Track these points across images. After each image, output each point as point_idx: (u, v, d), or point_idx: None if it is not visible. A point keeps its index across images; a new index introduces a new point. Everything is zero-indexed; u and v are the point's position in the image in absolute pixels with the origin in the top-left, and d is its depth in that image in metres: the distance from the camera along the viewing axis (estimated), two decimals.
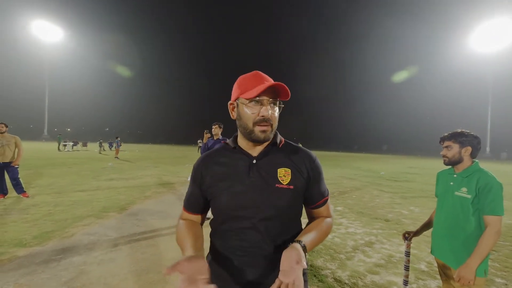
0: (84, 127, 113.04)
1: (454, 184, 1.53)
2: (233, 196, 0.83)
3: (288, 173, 0.85)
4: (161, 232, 3.67)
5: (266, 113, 0.80)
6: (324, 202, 0.92)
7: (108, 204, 5.06)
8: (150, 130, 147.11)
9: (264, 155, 0.87)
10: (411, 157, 43.13)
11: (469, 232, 1.43)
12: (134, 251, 3.01)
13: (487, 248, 1.33)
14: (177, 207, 5.14)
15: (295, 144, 0.96)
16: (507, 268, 2.80)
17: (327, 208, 0.94)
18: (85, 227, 3.73)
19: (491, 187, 1.39)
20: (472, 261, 1.34)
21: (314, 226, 0.88)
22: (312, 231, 0.85)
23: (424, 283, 2.45)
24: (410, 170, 16.13)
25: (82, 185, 6.99)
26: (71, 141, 29.06)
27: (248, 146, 0.88)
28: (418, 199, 6.70)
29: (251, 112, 0.81)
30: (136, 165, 13.54)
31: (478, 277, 1.36)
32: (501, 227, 1.35)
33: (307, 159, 0.90)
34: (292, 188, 0.83)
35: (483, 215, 1.39)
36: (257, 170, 0.84)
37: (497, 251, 3.28)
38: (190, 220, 0.94)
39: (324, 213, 0.93)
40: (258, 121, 0.81)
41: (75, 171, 9.83)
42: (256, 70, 0.87)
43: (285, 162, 0.87)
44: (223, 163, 0.89)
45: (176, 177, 9.30)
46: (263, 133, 0.82)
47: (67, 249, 2.97)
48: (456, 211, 1.49)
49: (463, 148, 1.50)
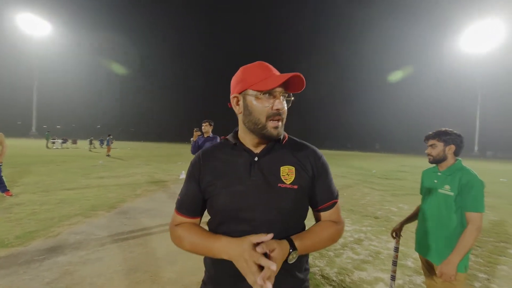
0: (75, 124, 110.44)
1: (438, 182, 1.56)
2: (232, 196, 0.77)
3: (291, 171, 0.79)
4: (151, 231, 3.62)
5: (281, 106, 0.75)
6: (332, 205, 0.84)
7: (97, 202, 4.96)
8: (142, 128, 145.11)
9: (266, 152, 0.81)
10: (403, 156, 43.93)
11: (451, 229, 1.46)
12: (122, 250, 2.96)
13: (468, 244, 1.36)
14: (168, 205, 5.09)
15: (299, 140, 0.90)
16: (490, 264, 2.88)
17: (336, 212, 0.85)
18: (72, 226, 3.65)
19: (473, 184, 1.41)
20: (454, 257, 1.37)
21: (316, 227, 0.82)
22: (312, 232, 0.79)
23: (410, 279, 2.49)
24: (401, 168, 16.42)
25: (71, 183, 6.84)
26: (60, 138, 28.37)
27: (250, 142, 0.82)
28: (408, 196, 6.82)
29: (264, 106, 0.75)
30: (127, 163, 13.34)
31: (459, 272, 1.39)
32: (482, 223, 1.37)
33: (312, 156, 0.84)
34: (296, 188, 0.77)
35: (465, 212, 1.42)
36: (259, 169, 0.78)
37: (481, 246, 3.37)
38: (188, 223, 0.84)
39: (333, 217, 0.84)
40: (272, 115, 0.75)
41: (64, 169, 9.61)
42: (259, 61, 0.81)
43: (289, 159, 0.81)
44: (223, 160, 0.83)
45: (168, 175, 9.21)
46: (276, 129, 0.76)
47: (51, 249, 2.89)
48: (440, 209, 1.52)
49: (447, 146, 1.53)
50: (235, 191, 0.77)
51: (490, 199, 6.66)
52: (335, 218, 0.85)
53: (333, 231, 0.82)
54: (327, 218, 0.84)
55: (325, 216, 0.84)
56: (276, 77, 0.74)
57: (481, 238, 3.71)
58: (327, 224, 0.83)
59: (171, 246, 3.22)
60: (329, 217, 0.84)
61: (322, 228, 0.82)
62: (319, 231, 0.80)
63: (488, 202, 6.29)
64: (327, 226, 0.82)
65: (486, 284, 2.43)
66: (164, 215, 4.38)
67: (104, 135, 25.26)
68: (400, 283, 2.42)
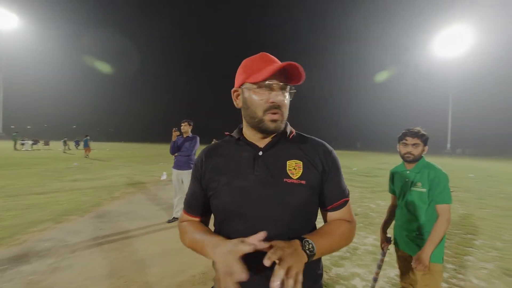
0: (47, 124, 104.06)
1: (409, 180, 1.63)
2: (234, 192, 0.72)
3: (299, 165, 0.73)
4: (128, 234, 3.48)
5: (277, 98, 0.71)
6: (343, 203, 0.78)
7: (69, 207, 4.69)
8: (123, 128, 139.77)
9: (271, 146, 0.77)
10: (382, 154, 45.73)
11: (425, 221, 1.55)
12: (95, 256, 2.81)
13: (439, 235, 1.44)
14: (148, 207, 4.93)
15: (308, 135, 0.85)
16: (458, 255, 3.05)
17: (348, 211, 0.80)
18: (40, 232, 3.42)
19: (440, 179, 1.51)
20: (427, 247, 1.45)
21: (329, 226, 0.76)
22: (326, 231, 0.73)
23: (384, 272, 2.58)
24: (381, 166, 17.05)
25: (41, 187, 6.41)
26: (30, 140, 26.56)
27: (255, 137, 0.78)
28: (386, 193, 7.08)
29: (260, 99, 0.72)
30: (105, 164, 12.77)
31: (436, 263, 1.48)
32: (451, 214, 1.47)
33: (321, 150, 0.79)
34: (304, 184, 0.72)
35: (435, 205, 1.50)
36: (263, 163, 0.74)
37: (450, 239, 3.57)
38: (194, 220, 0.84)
39: (345, 217, 0.79)
40: (268, 108, 0.71)
41: (34, 172, 9.01)
42: (263, 52, 0.77)
43: (296, 153, 0.76)
44: (225, 155, 0.80)
45: (148, 177, 8.92)
46: (274, 122, 0.72)
47: (15, 257, 2.68)
48: (415, 205, 1.59)
49: (425, 146, 1.62)
50: (238, 187, 0.73)
51: (459, 194, 7.10)
52: (348, 217, 0.79)
53: (347, 230, 0.76)
54: (338, 218, 0.78)
55: (336, 216, 0.78)
56: (269, 67, 0.70)
57: (450, 231, 3.93)
58: (340, 222, 0.77)
59: (149, 249, 3.13)
60: (341, 217, 0.78)
61: (336, 226, 0.76)
62: (333, 230, 0.74)
63: (457, 196, 6.71)
64: (340, 224, 0.76)
65: (454, 275, 2.58)
66: (142, 218, 4.23)
67: (80, 136, 24.03)
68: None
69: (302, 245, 0.63)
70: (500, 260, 2.94)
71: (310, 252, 0.62)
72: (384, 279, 2.46)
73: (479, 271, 2.65)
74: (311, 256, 0.62)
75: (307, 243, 0.64)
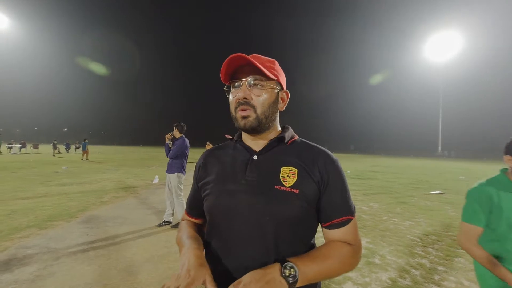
0: (37, 127, 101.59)
1: None
2: (222, 196, 0.69)
3: (293, 173, 0.68)
4: (115, 240, 3.37)
5: (239, 94, 0.69)
6: (345, 221, 0.68)
7: (55, 212, 4.53)
8: (115, 131, 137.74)
9: (267, 150, 0.73)
10: (375, 156, 46.29)
11: None
12: (79, 263, 2.70)
13: None
14: (138, 212, 4.81)
15: (311, 142, 0.79)
16: (449, 257, 3.06)
17: (352, 231, 0.69)
18: (23, 239, 3.28)
19: None
20: None
21: (323, 248, 0.67)
22: (318, 253, 0.64)
23: (376, 275, 2.56)
24: (373, 168, 17.24)
25: (26, 191, 6.20)
26: (18, 143, 25.84)
27: (251, 140, 0.76)
28: (378, 195, 7.14)
29: (232, 97, 0.72)
30: (95, 168, 12.49)
31: None
32: None
33: (321, 159, 0.71)
34: (297, 193, 0.65)
35: None
36: (256, 168, 0.70)
37: (441, 241, 3.59)
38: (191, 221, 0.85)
39: (347, 237, 0.68)
40: (237, 106, 0.70)
41: (20, 176, 8.73)
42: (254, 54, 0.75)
43: (292, 160, 0.71)
44: (221, 158, 0.78)
45: (139, 180, 8.75)
46: (243, 119, 0.69)
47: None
48: None
49: None
50: (226, 191, 0.70)
51: (450, 196, 7.20)
52: (350, 239, 0.68)
53: (346, 253, 0.65)
54: (339, 238, 0.68)
55: (336, 235, 0.68)
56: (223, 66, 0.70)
57: (441, 233, 3.96)
58: (338, 244, 0.67)
59: (136, 255, 3.04)
60: (342, 237, 0.68)
61: (332, 249, 0.66)
62: (328, 253, 0.65)
63: (448, 198, 6.81)
64: (338, 247, 0.66)
65: (445, 277, 2.58)
66: (132, 223, 4.12)
67: (71, 139, 23.53)
68: (367, 280, 2.47)
69: (282, 270, 0.56)
70: None
71: (292, 279, 0.55)
72: (377, 283, 2.43)
73: (470, 273, 2.66)
74: (292, 284, 0.55)
75: (288, 267, 0.57)
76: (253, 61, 0.66)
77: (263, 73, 0.68)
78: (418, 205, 5.91)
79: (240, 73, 0.71)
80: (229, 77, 0.72)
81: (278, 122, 0.79)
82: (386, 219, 4.71)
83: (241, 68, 0.70)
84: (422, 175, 12.97)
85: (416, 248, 3.31)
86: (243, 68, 0.70)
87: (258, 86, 0.70)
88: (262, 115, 0.71)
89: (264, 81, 0.70)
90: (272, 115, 0.73)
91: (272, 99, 0.72)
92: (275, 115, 0.76)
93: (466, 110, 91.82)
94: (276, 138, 0.75)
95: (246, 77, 0.70)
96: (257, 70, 0.68)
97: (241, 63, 0.70)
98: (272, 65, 0.74)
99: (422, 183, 9.59)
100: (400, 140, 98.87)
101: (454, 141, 65.95)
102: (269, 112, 0.72)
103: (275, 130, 0.78)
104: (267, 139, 0.76)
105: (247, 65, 0.69)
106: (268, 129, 0.74)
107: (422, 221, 4.62)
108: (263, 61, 0.73)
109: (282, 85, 0.76)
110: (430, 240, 3.62)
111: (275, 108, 0.74)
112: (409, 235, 3.84)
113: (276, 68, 0.74)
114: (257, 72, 0.69)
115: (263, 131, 0.73)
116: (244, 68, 0.70)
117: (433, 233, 3.95)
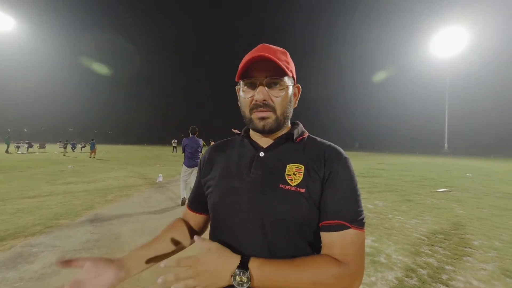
0: (44, 127, 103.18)
1: None
2: (226, 193, 0.67)
3: (300, 170, 0.63)
4: (120, 239, 3.38)
5: (258, 96, 0.63)
6: (334, 226, 0.58)
7: (60, 210, 4.58)
8: (120, 130, 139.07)
9: (274, 147, 0.70)
10: (380, 154, 45.85)
11: None
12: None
13: None
14: (142, 210, 4.83)
15: (321, 139, 0.73)
16: (457, 256, 2.99)
17: (343, 244, 0.57)
18: (28, 238, 3.31)
19: None
20: None
21: (302, 259, 0.57)
22: (289, 263, 0.56)
23: (382, 275, 2.52)
24: (378, 166, 17.08)
25: (32, 190, 6.28)
26: (25, 142, 26.25)
27: (258, 136, 0.73)
28: (383, 193, 7.04)
29: (245, 97, 0.66)
30: (101, 166, 12.61)
31: None
32: None
33: (328, 154, 0.66)
34: (303, 192, 0.60)
35: None
36: (262, 165, 0.67)
37: (448, 239, 3.52)
38: (184, 219, 0.83)
39: (334, 249, 0.57)
40: (254, 107, 0.65)
41: (27, 175, 8.85)
42: (263, 43, 0.69)
43: (299, 157, 0.66)
44: (227, 154, 0.75)
45: (143, 179, 8.80)
46: (262, 120, 0.64)
47: (1, 264, 2.58)
48: None
49: None
50: (230, 189, 0.67)
51: (457, 193, 7.07)
52: (337, 253, 0.56)
53: (326, 273, 0.53)
54: (329, 245, 0.58)
55: (327, 240, 0.59)
56: (243, 63, 0.64)
57: (448, 231, 3.88)
58: (321, 258, 0.57)
59: None
60: (327, 246, 0.59)
61: (312, 260, 0.57)
62: (305, 263, 0.55)
63: (455, 196, 6.69)
64: (320, 261, 0.56)
65: (453, 276, 2.52)
66: (136, 221, 4.13)
67: (77, 139, 23.87)
68: (372, 280, 2.43)
69: (234, 273, 0.53)
70: (499, 260, 2.89)
71: (240, 275, 0.53)
72: (383, 282, 2.39)
73: (479, 272, 2.60)
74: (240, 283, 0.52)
75: (241, 276, 0.53)
76: (277, 61, 0.61)
77: (281, 71, 0.63)
78: (424, 203, 5.81)
79: (254, 70, 0.64)
80: (241, 73, 0.66)
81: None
82: (391, 217, 4.64)
83: (255, 64, 0.64)
84: (428, 173, 12.77)
85: (423, 247, 3.25)
86: (258, 65, 0.63)
87: (277, 85, 0.65)
88: (282, 116, 0.67)
89: (282, 79, 0.65)
90: (290, 114, 0.70)
91: (289, 97, 0.68)
92: (291, 112, 0.72)
93: (473, 106, 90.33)
94: (285, 135, 0.71)
95: (261, 75, 0.64)
96: (274, 67, 0.63)
97: (255, 59, 0.63)
98: (285, 57, 0.68)
99: (428, 180, 9.42)
100: (406, 137, 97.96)
101: (460, 138, 64.95)
102: (288, 112, 0.69)
103: (286, 127, 0.74)
104: (275, 136, 0.72)
105: (261, 61, 0.63)
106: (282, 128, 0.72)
107: (428, 219, 4.54)
108: (278, 55, 0.66)
109: (295, 79, 0.72)
110: (437, 239, 3.55)
111: (291, 106, 0.71)
112: (415, 233, 3.77)
113: (289, 61, 0.69)
114: (274, 69, 0.63)
115: (278, 131, 0.70)
116: (259, 65, 0.63)
117: (440, 231, 3.88)
